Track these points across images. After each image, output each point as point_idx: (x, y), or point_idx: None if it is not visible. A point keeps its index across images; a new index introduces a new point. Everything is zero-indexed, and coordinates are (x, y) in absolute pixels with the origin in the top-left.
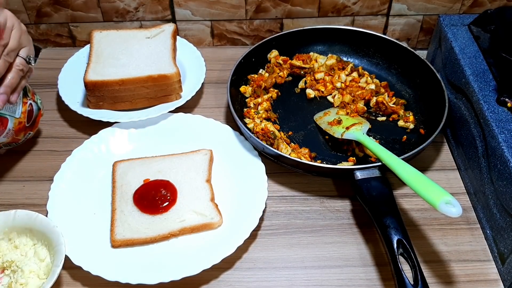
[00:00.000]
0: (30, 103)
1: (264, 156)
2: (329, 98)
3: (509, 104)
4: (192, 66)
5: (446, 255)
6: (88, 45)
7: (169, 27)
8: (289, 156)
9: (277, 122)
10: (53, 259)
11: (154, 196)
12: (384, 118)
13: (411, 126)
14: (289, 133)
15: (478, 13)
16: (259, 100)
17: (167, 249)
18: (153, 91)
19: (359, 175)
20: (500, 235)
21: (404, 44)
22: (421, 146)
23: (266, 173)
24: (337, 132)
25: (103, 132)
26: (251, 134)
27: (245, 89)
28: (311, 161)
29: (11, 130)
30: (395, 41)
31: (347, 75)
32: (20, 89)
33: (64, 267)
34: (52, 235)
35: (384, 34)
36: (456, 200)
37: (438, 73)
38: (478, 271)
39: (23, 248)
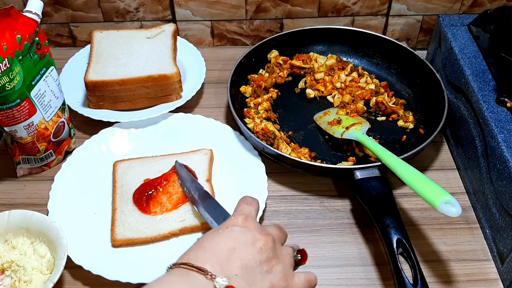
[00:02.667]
0: (63, 121)
1: (264, 156)
2: (329, 98)
3: (508, 104)
4: (192, 66)
5: (445, 255)
6: (89, 45)
7: (170, 27)
8: (289, 156)
9: (277, 122)
10: (55, 254)
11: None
12: (383, 118)
13: (411, 126)
14: (289, 133)
15: (477, 13)
16: (259, 100)
17: (168, 249)
18: (153, 91)
19: (358, 174)
20: (499, 235)
21: (404, 44)
22: (420, 146)
23: (266, 173)
24: (337, 132)
25: (103, 132)
26: (251, 134)
27: (245, 89)
28: (311, 161)
29: (35, 127)
30: (395, 41)
31: (347, 75)
32: None
33: (64, 266)
34: (50, 231)
35: (384, 34)
36: (456, 200)
37: (437, 73)
38: (478, 271)
39: (21, 247)
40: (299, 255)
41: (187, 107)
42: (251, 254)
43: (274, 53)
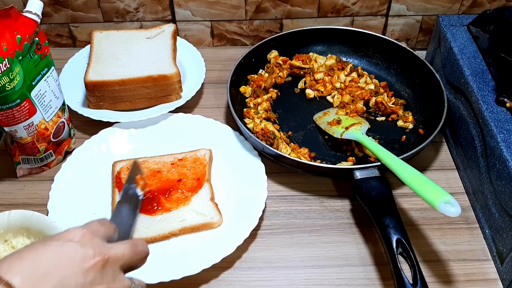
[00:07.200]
0: (63, 121)
1: (264, 156)
2: (329, 98)
3: (508, 104)
4: (192, 66)
5: (445, 255)
6: (88, 46)
7: (169, 28)
8: (288, 156)
9: (277, 122)
10: None
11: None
12: (383, 118)
13: (410, 126)
14: (289, 133)
15: (477, 14)
16: (259, 100)
17: (167, 249)
18: (153, 91)
19: (358, 174)
20: (499, 235)
21: (404, 45)
22: (420, 146)
23: (266, 173)
24: (336, 132)
25: (103, 132)
26: (251, 134)
27: (245, 89)
28: (311, 161)
29: (35, 127)
30: (395, 41)
31: (346, 75)
32: None
33: None
34: (50, 230)
35: (384, 34)
36: (455, 200)
37: (437, 73)
38: (477, 271)
39: (21, 247)
40: None
41: (187, 107)
42: (74, 273)
43: (273, 53)
